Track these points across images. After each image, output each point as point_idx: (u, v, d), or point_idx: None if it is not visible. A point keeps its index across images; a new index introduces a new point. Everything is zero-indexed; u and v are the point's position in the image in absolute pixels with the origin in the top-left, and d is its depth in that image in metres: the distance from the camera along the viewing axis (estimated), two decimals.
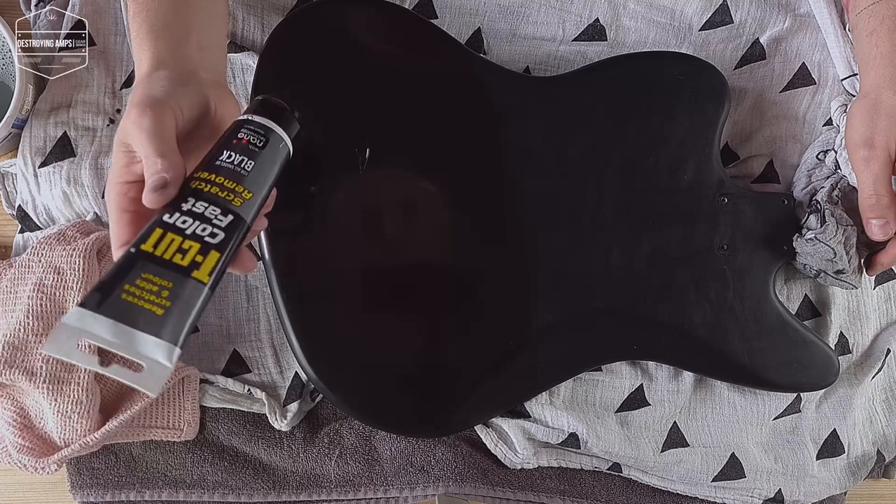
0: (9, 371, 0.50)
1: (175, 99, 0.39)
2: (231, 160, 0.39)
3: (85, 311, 0.32)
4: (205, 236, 0.36)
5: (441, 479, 0.58)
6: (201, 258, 0.36)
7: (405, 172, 0.55)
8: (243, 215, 0.38)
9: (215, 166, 0.39)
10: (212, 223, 0.37)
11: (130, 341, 0.33)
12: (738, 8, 0.61)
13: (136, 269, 0.34)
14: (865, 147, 0.53)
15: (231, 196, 0.38)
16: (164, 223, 0.36)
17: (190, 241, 0.36)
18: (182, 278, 0.35)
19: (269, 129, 0.41)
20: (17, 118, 0.54)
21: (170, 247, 0.35)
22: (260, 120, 0.41)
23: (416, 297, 0.55)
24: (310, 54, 0.53)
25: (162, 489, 0.57)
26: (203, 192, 0.37)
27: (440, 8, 0.60)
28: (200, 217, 0.37)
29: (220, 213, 0.37)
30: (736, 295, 0.58)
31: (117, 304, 0.33)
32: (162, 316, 0.33)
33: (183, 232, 0.36)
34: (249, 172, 0.39)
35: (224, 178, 0.38)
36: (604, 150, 0.57)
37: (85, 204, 0.56)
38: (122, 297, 0.33)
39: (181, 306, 0.34)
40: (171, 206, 0.37)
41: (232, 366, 0.58)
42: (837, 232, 0.55)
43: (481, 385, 0.56)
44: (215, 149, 0.40)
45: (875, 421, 0.66)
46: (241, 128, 0.41)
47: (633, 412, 0.61)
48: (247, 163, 0.39)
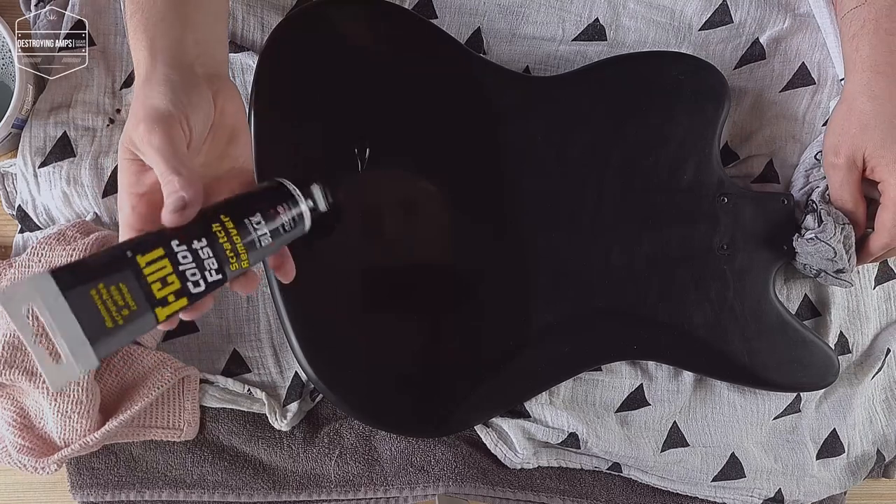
0: (9, 371, 0.50)
1: (180, 109, 0.38)
2: (257, 230, 0.38)
3: (52, 287, 0.32)
4: (189, 281, 0.36)
5: (441, 479, 0.58)
6: (173, 299, 0.36)
7: (405, 172, 0.55)
8: (228, 278, 0.38)
9: (242, 224, 0.38)
10: (203, 273, 0.36)
11: (69, 335, 0.33)
12: (738, 8, 0.61)
13: (119, 274, 0.34)
14: (832, 154, 0.55)
15: (233, 259, 0.37)
16: (169, 248, 0.35)
17: (175, 277, 0.36)
18: (147, 308, 0.35)
19: (302, 221, 0.41)
20: (16, 118, 0.54)
21: (158, 272, 0.35)
22: (304, 210, 0.40)
23: (416, 297, 0.55)
24: (310, 54, 0.53)
25: (162, 489, 0.57)
26: (216, 243, 0.37)
27: (440, 8, 0.60)
28: (199, 263, 0.36)
29: (215, 269, 0.37)
30: (736, 295, 0.58)
31: (83, 298, 0.33)
32: (109, 329, 0.34)
33: (177, 266, 0.36)
34: (263, 248, 0.39)
35: (240, 241, 0.37)
36: (604, 150, 0.57)
37: (85, 204, 0.56)
38: (90, 292, 0.33)
39: (128, 330, 0.34)
40: (185, 233, 0.36)
41: (232, 366, 0.58)
42: (837, 231, 0.55)
43: (481, 385, 0.56)
44: (250, 201, 0.39)
45: (875, 421, 0.66)
46: (284, 203, 0.40)
47: (632, 412, 0.61)
48: (266, 238, 0.39)
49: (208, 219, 0.37)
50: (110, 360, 0.54)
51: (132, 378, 0.55)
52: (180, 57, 0.41)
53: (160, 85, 0.38)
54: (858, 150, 0.54)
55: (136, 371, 0.54)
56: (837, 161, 0.55)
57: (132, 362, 0.55)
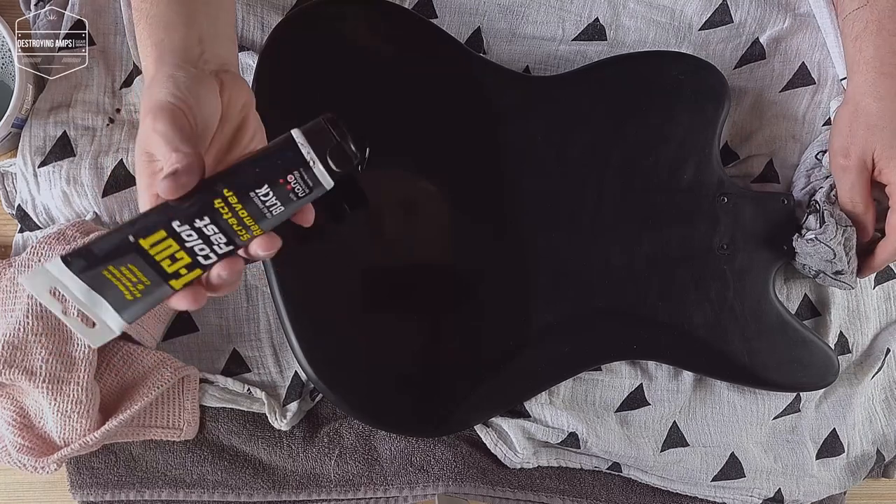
0: (8, 370, 0.50)
1: (184, 101, 0.38)
2: (265, 200, 0.37)
3: (66, 270, 0.35)
4: (199, 256, 0.36)
5: (441, 479, 0.58)
6: (185, 272, 0.37)
7: (405, 172, 0.55)
8: (241, 245, 0.37)
9: (246, 197, 0.36)
10: (212, 247, 0.37)
11: (95, 305, 0.36)
12: (738, 7, 0.61)
13: (126, 257, 0.35)
14: (842, 156, 0.55)
15: (243, 231, 0.37)
16: (171, 228, 0.36)
17: (184, 253, 0.36)
18: (160, 281, 0.36)
19: (319, 184, 0.38)
20: (16, 117, 0.54)
21: (164, 251, 0.36)
22: (319, 172, 0.37)
23: (416, 297, 0.55)
24: (310, 54, 0.53)
25: (162, 489, 0.57)
26: (220, 219, 0.36)
27: (440, 7, 0.59)
28: (205, 239, 0.36)
29: (224, 242, 0.37)
30: (736, 295, 0.58)
31: (97, 276, 0.35)
32: (129, 301, 0.36)
33: (183, 243, 0.36)
34: (274, 216, 0.37)
35: (247, 213, 0.36)
36: (604, 150, 0.57)
37: (84, 203, 0.56)
38: (103, 272, 0.35)
39: (148, 300, 0.37)
40: (186, 213, 0.36)
41: (232, 365, 0.58)
42: (837, 233, 0.55)
43: (481, 385, 0.56)
44: (253, 169, 0.37)
45: (875, 420, 0.66)
46: (295, 171, 0.37)
47: (632, 412, 0.61)
48: (278, 209, 0.37)
49: (211, 193, 0.36)
50: (110, 359, 0.54)
51: (132, 377, 0.55)
52: (185, 56, 0.41)
53: (164, 82, 0.39)
54: (868, 150, 0.54)
55: (135, 370, 0.54)
56: (848, 163, 0.55)
57: (132, 362, 0.55)
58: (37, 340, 0.50)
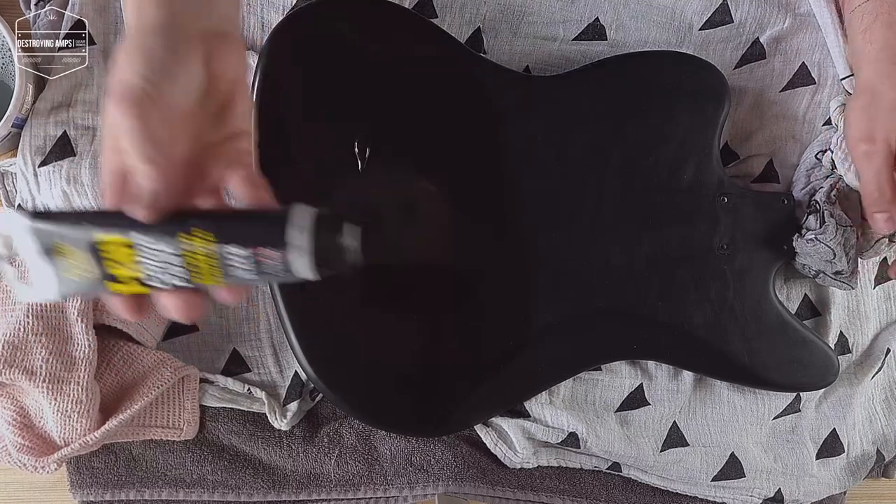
0: (8, 370, 0.50)
1: (153, 84, 0.33)
2: (230, 260, 0.34)
3: (29, 225, 0.35)
4: (147, 275, 0.35)
5: (441, 479, 0.58)
6: (128, 282, 0.35)
7: (405, 172, 0.55)
8: (196, 287, 0.35)
9: (216, 246, 0.33)
10: (164, 274, 0.35)
11: (39, 268, 0.35)
12: (738, 7, 0.61)
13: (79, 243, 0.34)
14: (866, 142, 0.54)
15: (197, 276, 0.35)
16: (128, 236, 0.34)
17: (135, 265, 0.34)
18: (101, 279, 0.35)
19: (297, 274, 0.34)
20: (16, 117, 0.54)
21: (114, 253, 0.34)
22: (302, 266, 0.34)
23: (416, 297, 0.55)
24: (309, 54, 0.53)
25: (162, 488, 0.57)
26: (177, 254, 0.34)
27: (440, 7, 0.59)
28: (161, 263, 0.34)
29: (179, 276, 0.35)
30: (736, 295, 0.58)
31: (50, 245, 0.35)
32: (71, 280, 0.36)
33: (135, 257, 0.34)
34: (239, 278, 0.35)
35: (207, 262, 0.34)
36: (604, 150, 0.57)
37: (85, 203, 0.56)
38: (57, 242, 0.35)
39: (87, 289, 0.36)
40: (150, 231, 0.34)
41: (232, 365, 0.58)
42: (837, 233, 0.55)
43: (481, 385, 0.56)
44: (236, 226, 0.34)
45: (875, 420, 0.66)
46: (275, 249, 0.33)
47: (632, 412, 0.61)
48: (250, 276, 0.34)
49: (179, 224, 0.34)
50: (110, 359, 0.54)
51: (132, 377, 0.55)
52: (169, 14, 0.35)
53: (135, 54, 0.34)
54: (892, 131, 0.52)
55: (135, 370, 0.54)
56: (874, 147, 0.53)
57: (132, 361, 0.55)
58: (37, 340, 0.50)
